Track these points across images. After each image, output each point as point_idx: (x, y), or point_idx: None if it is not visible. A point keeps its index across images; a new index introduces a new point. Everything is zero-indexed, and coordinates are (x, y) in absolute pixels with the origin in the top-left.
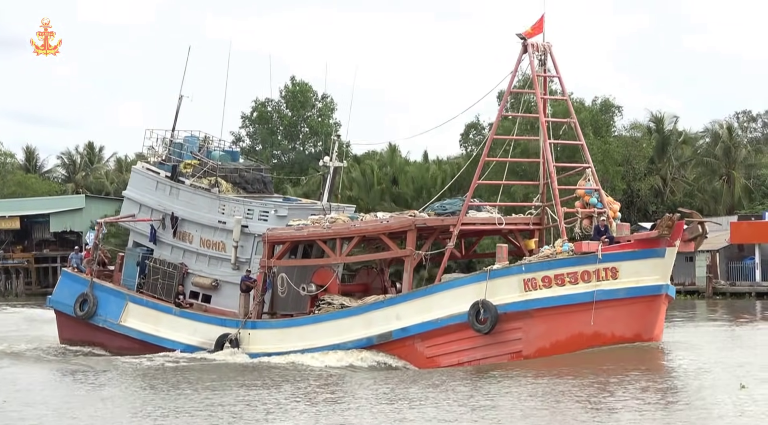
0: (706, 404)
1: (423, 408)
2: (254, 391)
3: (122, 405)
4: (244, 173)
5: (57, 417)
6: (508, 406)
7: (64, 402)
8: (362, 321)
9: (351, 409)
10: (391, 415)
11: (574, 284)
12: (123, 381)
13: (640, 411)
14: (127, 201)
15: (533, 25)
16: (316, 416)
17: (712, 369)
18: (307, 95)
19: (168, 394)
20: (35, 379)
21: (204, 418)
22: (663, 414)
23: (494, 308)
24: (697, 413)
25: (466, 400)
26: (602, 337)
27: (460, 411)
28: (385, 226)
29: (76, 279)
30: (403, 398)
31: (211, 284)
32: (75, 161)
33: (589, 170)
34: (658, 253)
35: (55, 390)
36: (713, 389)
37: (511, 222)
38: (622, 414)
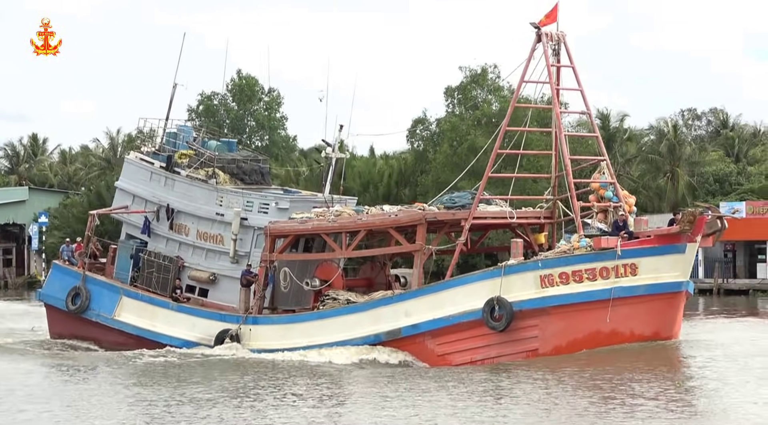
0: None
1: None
2: (258, 386)
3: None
4: (241, 163)
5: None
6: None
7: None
8: (369, 317)
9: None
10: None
11: (592, 281)
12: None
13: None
14: (119, 192)
15: (547, 13)
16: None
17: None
18: (254, 89)
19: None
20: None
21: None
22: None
23: (509, 305)
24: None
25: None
26: (620, 335)
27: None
28: (394, 220)
29: (67, 272)
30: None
31: (209, 278)
32: (18, 152)
33: (604, 162)
34: (679, 249)
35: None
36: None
37: (522, 216)
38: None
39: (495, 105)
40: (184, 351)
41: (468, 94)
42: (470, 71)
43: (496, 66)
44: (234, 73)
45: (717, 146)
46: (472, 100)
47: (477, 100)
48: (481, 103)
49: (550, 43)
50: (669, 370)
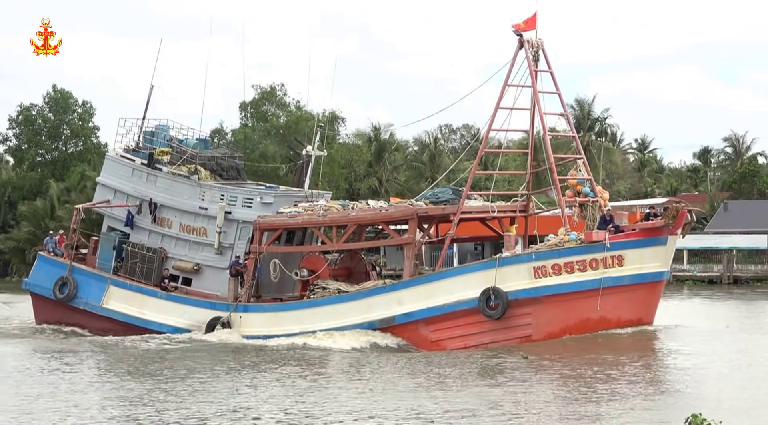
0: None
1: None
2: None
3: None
4: (220, 161)
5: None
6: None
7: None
8: (363, 305)
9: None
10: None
11: (582, 272)
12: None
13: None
14: (100, 187)
15: (526, 20)
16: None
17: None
18: (69, 102)
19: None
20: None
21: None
22: None
23: (505, 294)
24: None
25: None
26: (608, 321)
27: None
28: (386, 214)
29: (53, 263)
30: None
31: (193, 267)
32: None
33: (581, 161)
34: (661, 241)
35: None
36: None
37: (501, 210)
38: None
39: (282, 118)
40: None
41: (259, 108)
42: (261, 89)
43: (283, 85)
44: (50, 87)
45: (469, 155)
46: (263, 114)
47: (267, 114)
48: (270, 116)
49: (531, 49)
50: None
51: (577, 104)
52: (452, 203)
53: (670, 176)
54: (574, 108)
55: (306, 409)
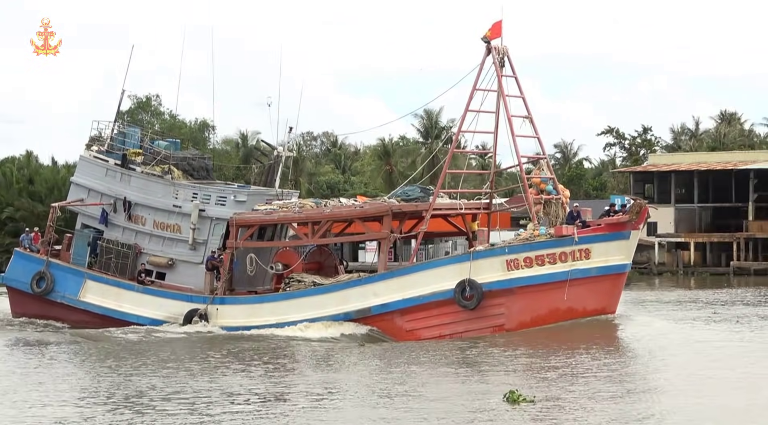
0: None
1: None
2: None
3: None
4: (191, 161)
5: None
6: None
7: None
8: (338, 297)
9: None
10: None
11: (552, 264)
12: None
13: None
14: (74, 186)
15: (491, 29)
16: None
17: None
18: None
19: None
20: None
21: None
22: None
23: (479, 286)
24: None
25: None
26: (575, 311)
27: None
28: (362, 211)
29: (29, 258)
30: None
31: (167, 262)
32: None
33: (544, 161)
34: (625, 235)
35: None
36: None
37: (468, 207)
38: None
39: (157, 126)
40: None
41: (135, 117)
42: (137, 99)
43: (158, 95)
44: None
45: (329, 161)
46: (140, 123)
47: (143, 122)
48: (146, 124)
49: (497, 56)
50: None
51: (426, 114)
52: (421, 201)
53: (507, 178)
54: (423, 118)
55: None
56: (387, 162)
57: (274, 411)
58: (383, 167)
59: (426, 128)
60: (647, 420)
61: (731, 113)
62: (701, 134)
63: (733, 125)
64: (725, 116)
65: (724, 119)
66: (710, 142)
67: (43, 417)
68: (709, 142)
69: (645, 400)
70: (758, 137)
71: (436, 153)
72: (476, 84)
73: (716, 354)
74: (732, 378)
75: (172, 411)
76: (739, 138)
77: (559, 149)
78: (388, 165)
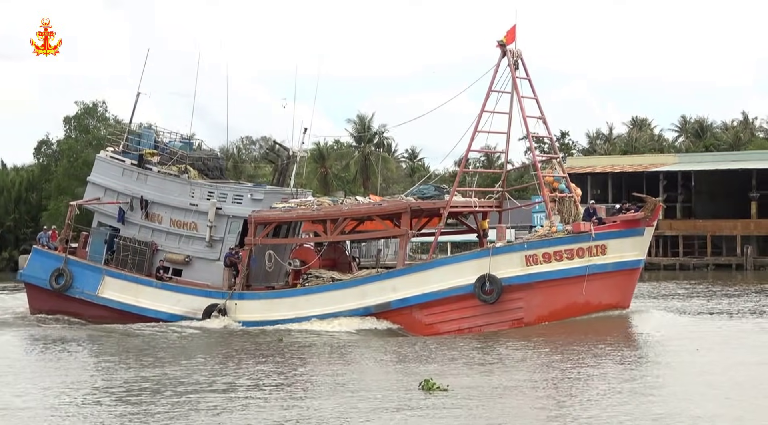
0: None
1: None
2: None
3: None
4: (206, 161)
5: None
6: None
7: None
8: (357, 292)
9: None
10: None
11: (570, 260)
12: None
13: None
14: (91, 186)
15: (507, 34)
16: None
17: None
18: None
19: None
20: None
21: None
22: None
23: (499, 280)
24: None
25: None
26: (591, 305)
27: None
28: (381, 208)
29: (47, 255)
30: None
31: (184, 259)
32: None
33: (557, 160)
34: (639, 232)
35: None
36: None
37: (482, 205)
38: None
39: (103, 131)
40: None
41: (82, 122)
42: (84, 105)
43: (104, 101)
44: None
45: (267, 162)
46: (86, 127)
47: (89, 127)
48: (92, 129)
49: (512, 58)
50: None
51: (359, 120)
52: (436, 199)
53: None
54: (355, 123)
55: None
56: (322, 165)
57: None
58: (319, 170)
59: (359, 132)
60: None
61: (642, 119)
62: (615, 138)
63: (643, 130)
64: (636, 122)
65: (636, 124)
66: (623, 146)
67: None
68: (621, 146)
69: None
70: (667, 142)
71: (368, 156)
72: (491, 86)
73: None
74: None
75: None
76: (650, 142)
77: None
78: (323, 168)
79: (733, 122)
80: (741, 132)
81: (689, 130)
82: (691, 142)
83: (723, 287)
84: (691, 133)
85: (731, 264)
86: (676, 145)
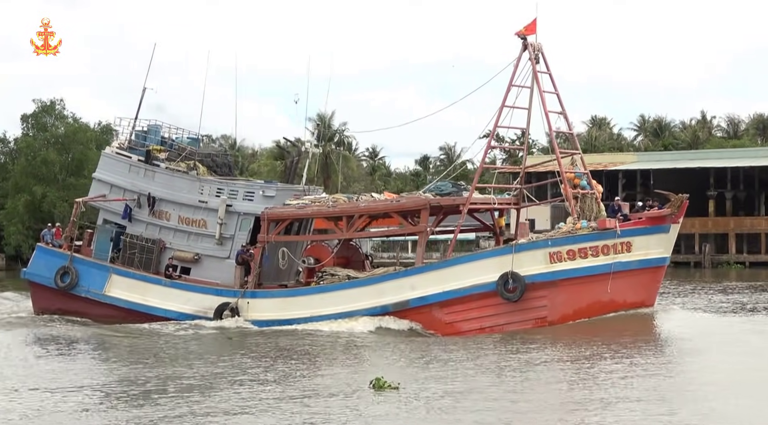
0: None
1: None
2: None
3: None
4: (215, 157)
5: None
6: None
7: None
8: (374, 290)
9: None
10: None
11: (595, 257)
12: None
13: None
14: (96, 182)
15: (527, 26)
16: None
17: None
18: None
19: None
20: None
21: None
22: None
23: (522, 278)
24: None
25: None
26: (616, 304)
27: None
28: (399, 205)
29: (52, 253)
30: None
31: (193, 257)
32: None
33: (579, 156)
34: (665, 229)
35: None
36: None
37: (500, 202)
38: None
39: (61, 129)
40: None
41: (40, 120)
42: (41, 103)
43: (62, 100)
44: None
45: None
46: (43, 125)
47: (47, 125)
48: (50, 127)
49: (533, 52)
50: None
51: (319, 118)
52: (454, 195)
53: (396, 179)
54: (316, 121)
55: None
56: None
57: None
58: (278, 168)
59: (319, 131)
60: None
61: (601, 118)
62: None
63: (603, 129)
64: (596, 121)
65: (595, 123)
66: (583, 145)
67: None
68: (581, 145)
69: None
70: (626, 141)
71: (329, 155)
72: (512, 80)
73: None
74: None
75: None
76: (609, 141)
77: (444, 151)
78: (283, 166)
79: (692, 121)
80: (699, 131)
81: (648, 129)
82: (650, 141)
83: (680, 284)
84: (650, 132)
85: (689, 262)
86: (635, 144)
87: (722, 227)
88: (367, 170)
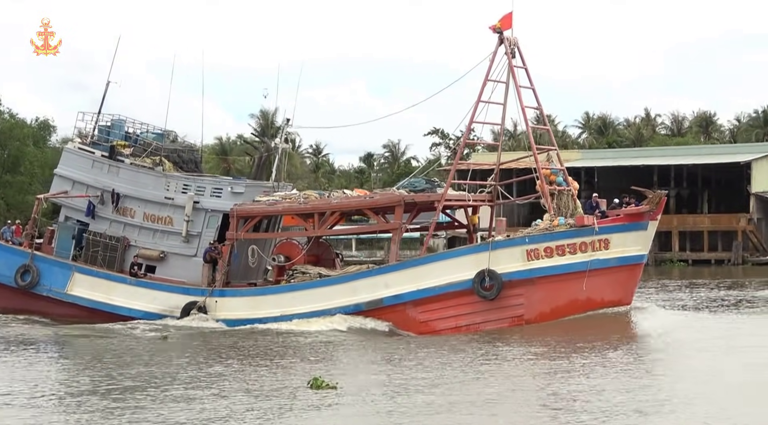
0: None
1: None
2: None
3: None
4: (181, 153)
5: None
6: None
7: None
8: (347, 289)
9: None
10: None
11: (572, 254)
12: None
13: None
14: (58, 179)
15: (502, 20)
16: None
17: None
18: None
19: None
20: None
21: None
22: None
23: (499, 276)
24: None
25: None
26: (593, 302)
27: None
28: (372, 201)
29: (12, 251)
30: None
31: (159, 255)
32: None
33: (555, 152)
34: (643, 226)
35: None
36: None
37: (474, 199)
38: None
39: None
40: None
41: None
42: None
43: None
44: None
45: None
46: None
47: None
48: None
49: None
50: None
51: (261, 115)
52: (428, 192)
53: (340, 176)
54: (259, 118)
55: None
56: (224, 160)
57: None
58: (221, 165)
59: (262, 127)
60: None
61: (546, 115)
62: (519, 134)
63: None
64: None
65: (540, 120)
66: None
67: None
68: (526, 142)
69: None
70: (570, 138)
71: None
72: (488, 74)
73: None
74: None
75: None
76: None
77: (388, 148)
78: (225, 163)
79: (636, 119)
80: (643, 128)
81: (592, 126)
82: (594, 138)
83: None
84: (595, 129)
85: None
86: (580, 141)
87: (665, 225)
88: (311, 167)
